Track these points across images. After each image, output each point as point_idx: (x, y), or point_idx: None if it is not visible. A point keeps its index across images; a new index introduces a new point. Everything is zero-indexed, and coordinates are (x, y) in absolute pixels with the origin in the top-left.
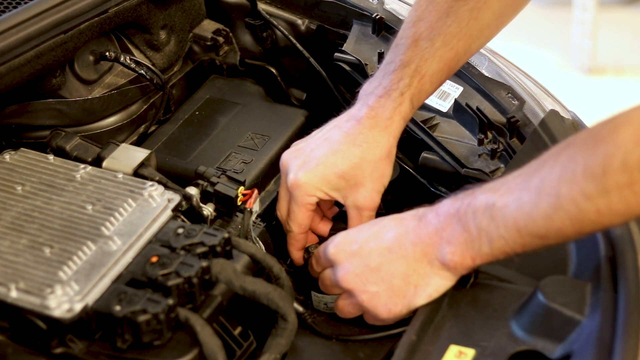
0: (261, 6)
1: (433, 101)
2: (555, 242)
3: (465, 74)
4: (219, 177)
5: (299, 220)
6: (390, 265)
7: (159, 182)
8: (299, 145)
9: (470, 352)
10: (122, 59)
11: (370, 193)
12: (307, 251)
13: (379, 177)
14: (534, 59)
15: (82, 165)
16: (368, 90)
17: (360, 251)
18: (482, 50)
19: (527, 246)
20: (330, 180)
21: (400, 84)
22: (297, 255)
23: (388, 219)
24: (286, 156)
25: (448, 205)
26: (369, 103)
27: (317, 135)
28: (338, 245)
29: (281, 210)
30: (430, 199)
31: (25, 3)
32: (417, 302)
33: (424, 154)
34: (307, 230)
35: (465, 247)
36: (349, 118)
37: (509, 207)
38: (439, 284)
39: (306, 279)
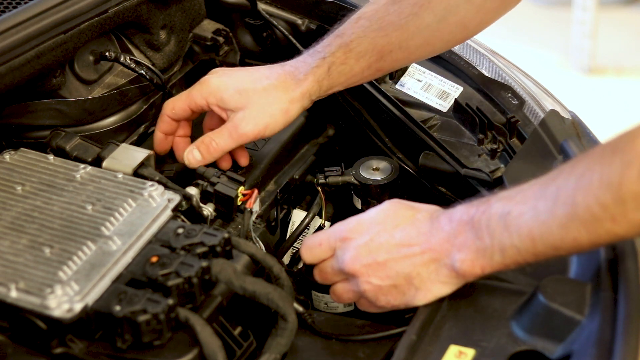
0: (261, 6)
1: (433, 101)
2: (568, 253)
3: (465, 74)
4: (219, 177)
5: (177, 103)
6: (396, 263)
7: (159, 182)
8: None
9: (470, 352)
10: (122, 59)
11: (249, 119)
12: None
13: (268, 114)
14: (534, 59)
15: (82, 165)
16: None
17: (370, 243)
18: (482, 50)
19: (540, 256)
20: (228, 90)
21: (326, 49)
22: (157, 136)
23: (403, 213)
24: None
25: (462, 211)
26: (297, 58)
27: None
28: (351, 232)
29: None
30: (431, 199)
31: (25, 3)
32: (415, 303)
33: (424, 154)
34: (176, 118)
35: (477, 255)
36: (278, 65)
37: (524, 216)
38: (440, 290)
39: (306, 279)
